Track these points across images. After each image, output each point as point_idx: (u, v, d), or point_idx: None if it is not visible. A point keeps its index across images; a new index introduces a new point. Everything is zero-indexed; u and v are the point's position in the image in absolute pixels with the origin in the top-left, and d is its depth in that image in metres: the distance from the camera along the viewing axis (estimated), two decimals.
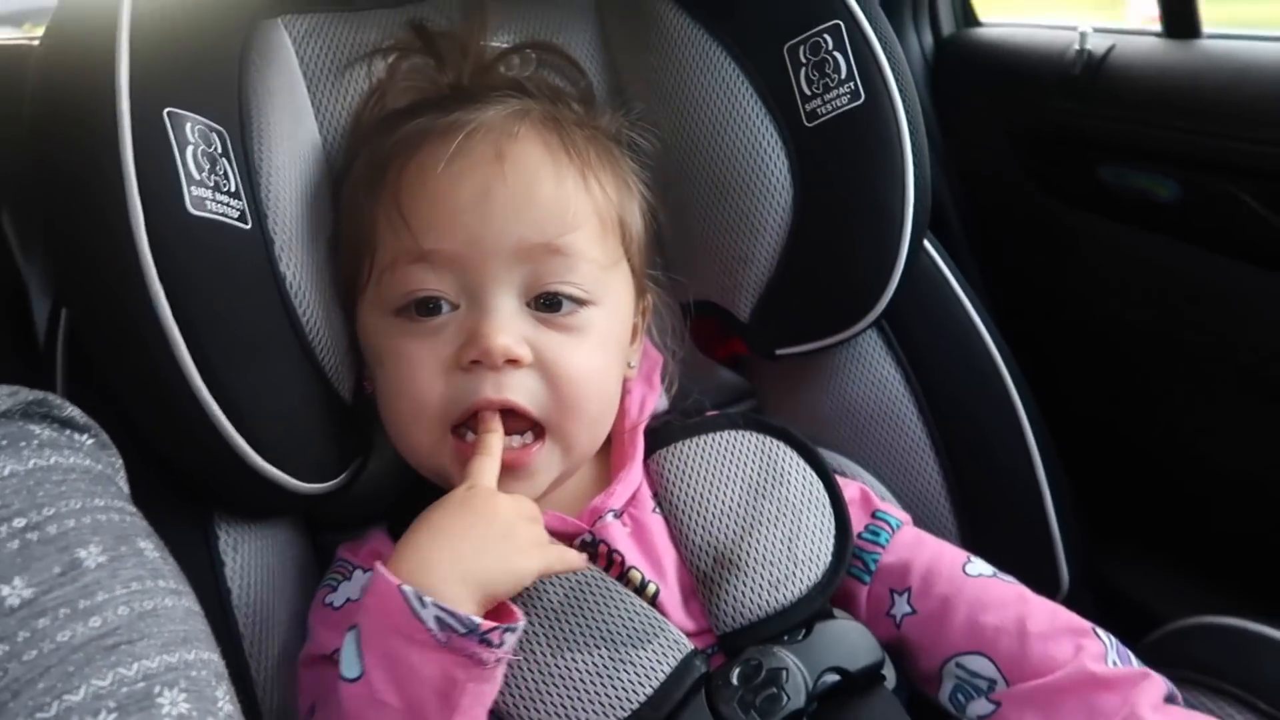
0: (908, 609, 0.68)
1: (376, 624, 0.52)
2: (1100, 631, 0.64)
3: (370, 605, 0.52)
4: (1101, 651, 0.62)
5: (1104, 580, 0.91)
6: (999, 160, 1.15)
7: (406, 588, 0.51)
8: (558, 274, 0.64)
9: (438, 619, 0.51)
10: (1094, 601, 0.86)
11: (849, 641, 0.63)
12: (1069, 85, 1.04)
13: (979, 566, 0.69)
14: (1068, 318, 1.12)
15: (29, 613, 0.40)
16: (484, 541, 0.56)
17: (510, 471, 0.63)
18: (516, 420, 0.63)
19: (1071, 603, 0.78)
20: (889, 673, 0.67)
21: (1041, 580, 0.77)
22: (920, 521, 0.84)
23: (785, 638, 0.62)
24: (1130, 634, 0.73)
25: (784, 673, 0.59)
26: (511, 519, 0.59)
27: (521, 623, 0.54)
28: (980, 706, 0.64)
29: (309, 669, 0.63)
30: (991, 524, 0.83)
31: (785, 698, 0.58)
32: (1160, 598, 0.96)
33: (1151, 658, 0.70)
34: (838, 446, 0.86)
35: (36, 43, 0.62)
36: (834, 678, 0.61)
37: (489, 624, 0.52)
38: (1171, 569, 1.02)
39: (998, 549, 0.81)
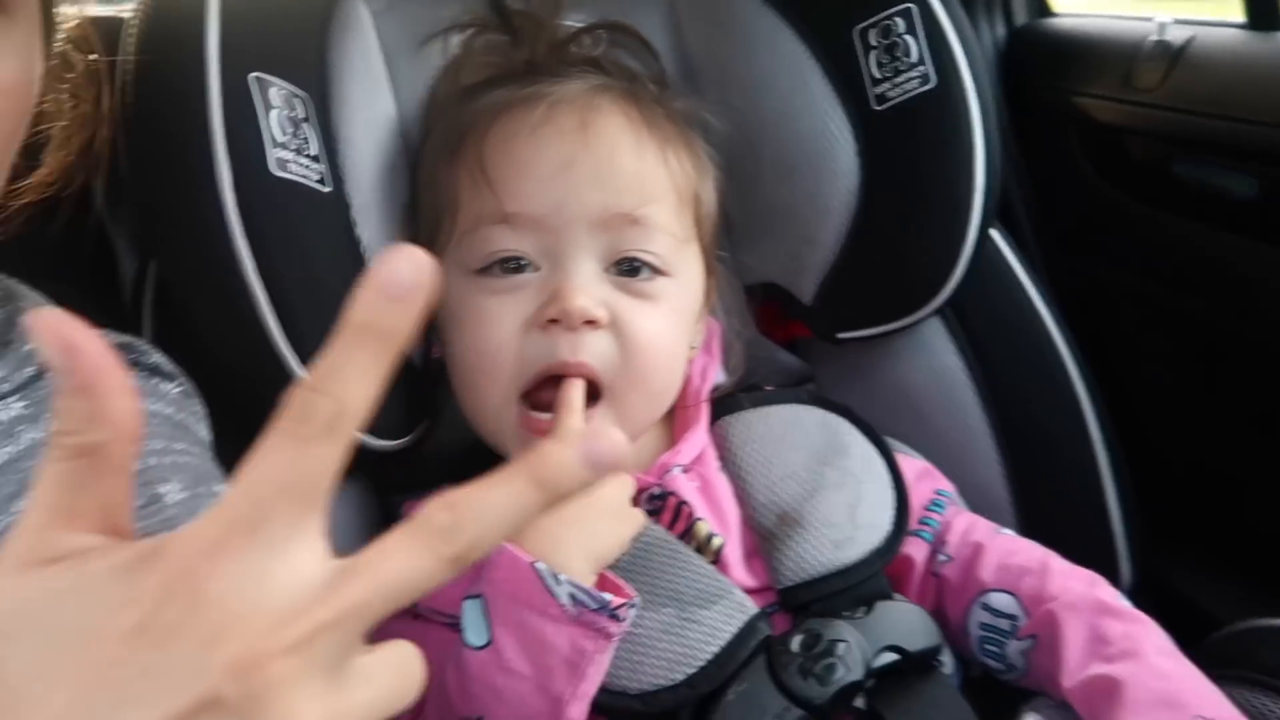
0: (944, 557, 0.70)
1: (507, 596, 0.54)
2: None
3: (499, 578, 0.54)
4: (1116, 594, 0.66)
5: (1165, 582, 0.89)
6: (1070, 154, 1.13)
7: (541, 565, 0.53)
8: (636, 242, 0.65)
9: (571, 595, 0.53)
10: (1154, 603, 0.84)
11: (908, 623, 0.63)
12: (1145, 78, 1.02)
13: (1009, 533, 0.73)
14: (1138, 315, 1.10)
15: None
16: (598, 516, 0.59)
17: None
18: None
19: (1130, 599, 0.77)
20: (946, 659, 0.67)
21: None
22: (979, 511, 0.83)
23: (846, 613, 0.62)
24: (1190, 636, 0.72)
25: (843, 644, 0.59)
26: (615, 489, 0.61)
27: (639, 598, 0.56)
28: (1017, 645, 0.66)
29: (393, 624, 0.64)
30: (1051, 518, 0.82)
31: (843, 669, 0.58)
32: (1222, 602, 0.94)
33: (1213, 659, 0.69)
34: (896, 433, 0.85)
35: (129, 13, 0.65)
36: (892, 656, 0.61)
37: (619, 600, 0.54)
38: (1235, 574, 0.99)
39: (1056, 544, 0.79)
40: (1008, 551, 0.69)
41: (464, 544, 0.27)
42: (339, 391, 0.27)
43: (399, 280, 0.27)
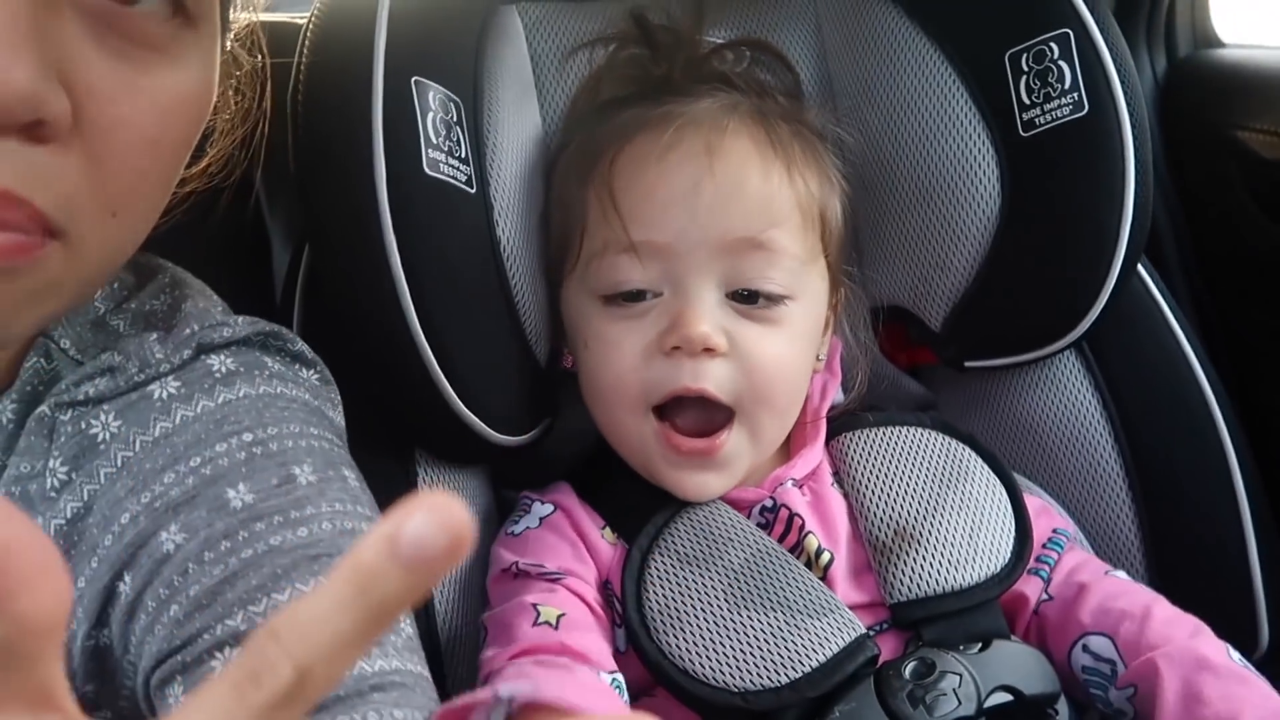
0: (1046, 596, 0.69)
1: None
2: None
3: None
4: (1222, 647, 0.62)
5: None
6: (1231, 191, 1.07)
7: None
8: (759, 269, 0.66)
9: None
10: None
11: (1025, 665, 0.62)
12: None
13: (1121, 574, 0.70)
14: None
15: (249, 515, 0.45)
16: None
17: (705, 459, 0.65)
18: (710, 409, 0.65)
19: (1268, 665, 0.72)
20: (1062, 708, 0.64)
21: (1237, 637, 0.71)
22: (1105, 556, 0.80)
23: (962, 647, 0.61)
24: None
25: (957, 678, 0.58)
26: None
27: None
28: (1119, 693, 0.63)
29: (496, 586, 0.66)
30: (1185, 569, 0.78)
31: (954, 702, 0.57)
32: None
33: None
34: (1020, 467, 0.83)
35: (304, 19, 0.69)
36: (1006, 697, 0.60)
37: None
38: None
39: (1190, 597, 0.75)
40: (1111, 594, 0.67)
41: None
42: (306, 659, 0.21)
43: (416, 540, 0.20)
